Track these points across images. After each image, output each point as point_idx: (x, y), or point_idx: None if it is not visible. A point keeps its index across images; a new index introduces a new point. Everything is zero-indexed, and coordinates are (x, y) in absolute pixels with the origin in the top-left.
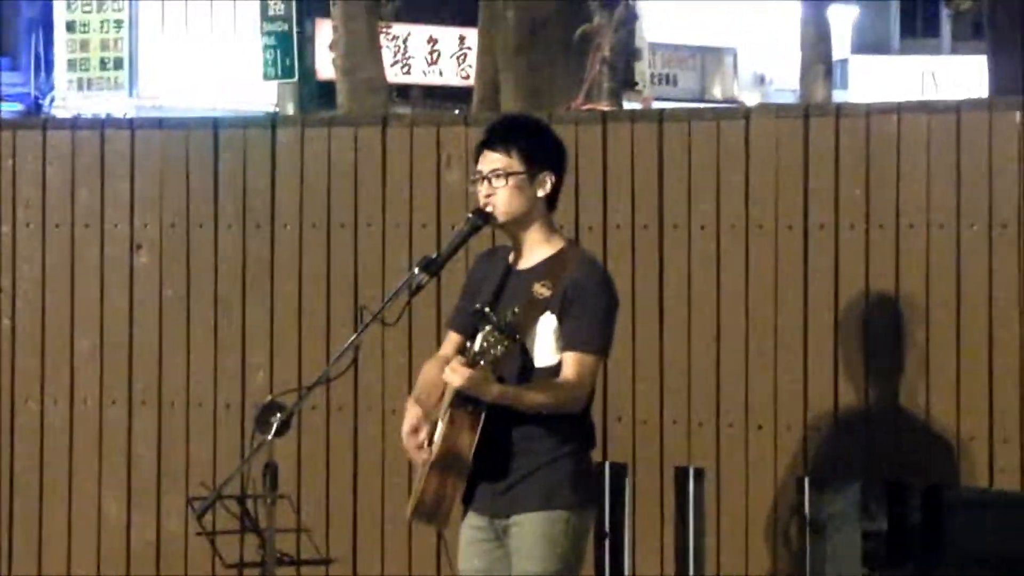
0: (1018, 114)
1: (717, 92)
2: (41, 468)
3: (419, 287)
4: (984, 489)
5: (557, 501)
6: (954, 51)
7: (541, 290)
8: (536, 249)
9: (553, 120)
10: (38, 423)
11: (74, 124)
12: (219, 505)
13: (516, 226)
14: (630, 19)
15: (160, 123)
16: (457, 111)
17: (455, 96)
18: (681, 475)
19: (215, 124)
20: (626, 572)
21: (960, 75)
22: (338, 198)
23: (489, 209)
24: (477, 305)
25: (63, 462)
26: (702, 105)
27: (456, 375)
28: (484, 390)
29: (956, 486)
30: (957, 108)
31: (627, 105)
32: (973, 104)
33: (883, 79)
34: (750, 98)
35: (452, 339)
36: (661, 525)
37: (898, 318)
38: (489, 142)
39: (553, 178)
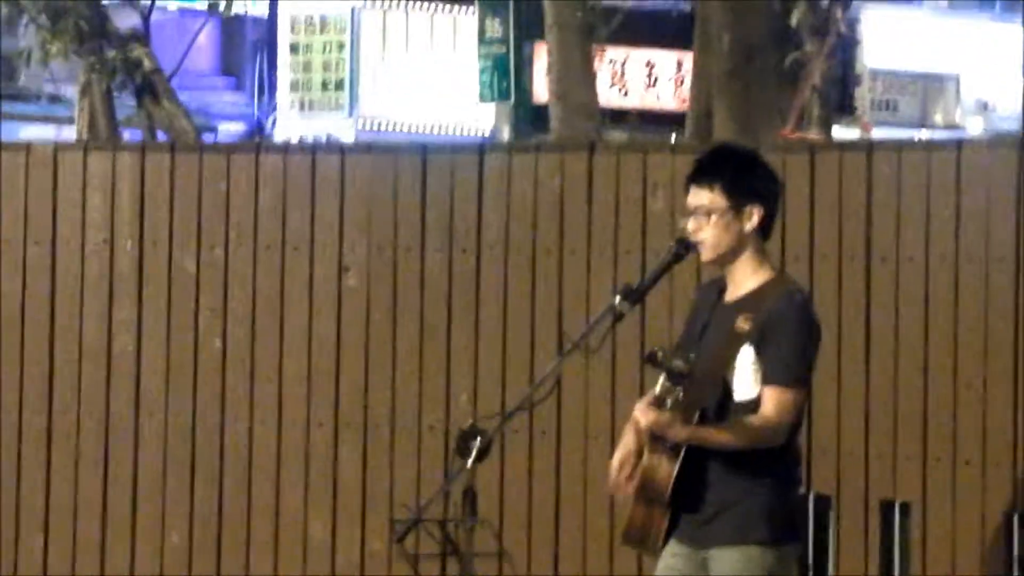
0: None
1: (939, 119)
2: (249, 488)
3: (620, 316)
4: None
5: (752, 535)
6: None
7: (742, 324)
8: (744, 282)
9: (762, 148)
10: (247, 443)
11: (286, 148)
12: (422, 528)
13: (724, 260)
14: (848, 45)
15: (370, 148)
16: (674, 135)
17: (672, 120)
18: (887, 509)
19: (424, 149)
20: None
21: None
22: (544, 224)
23: (697, 243)
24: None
25: (271, 482)
26: (923, 132)
27: (643, 417)
28: (671, 433)
29: None
30: None
31: (846, 132)
32: None
33: None
34: (973, 125)
35: None
36: (865, 560)
37: None
38: (695, 177)
39: (761, 211)
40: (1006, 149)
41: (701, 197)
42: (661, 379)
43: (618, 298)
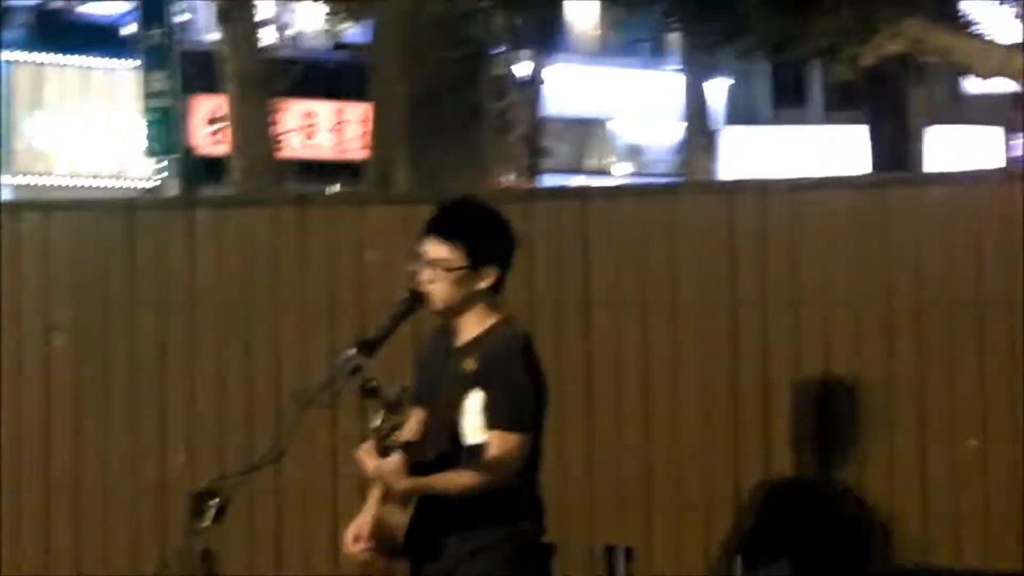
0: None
1: (592, 163)
2: None
3: (357, 368)
4: (915, 566)
5: None
6: (827, 120)
7: (469, 365)
8: (472, 329)
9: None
10: None
11: None
12: None
13: (452, 313)
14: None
15: (77, 205)
16: (337, 187)
17: (332, 171)
18: (611, 554)
19: (132, 205)
20: None
21: (829, 145)
22: (259, 279)
23: (428, 293)
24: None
25: None
26: (578, 176)
27: (366, 464)
28: (393, 481)
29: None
30: None
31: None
32: None
33: (756, 149)
34: (623, 169)
35: (416, 413)
36: None
37: (828, 396)
38: (436, 229)
39: (497, 272)
40: (717, 194)
41: (440, 251)
42: (376, 418)
43: (353, 350)
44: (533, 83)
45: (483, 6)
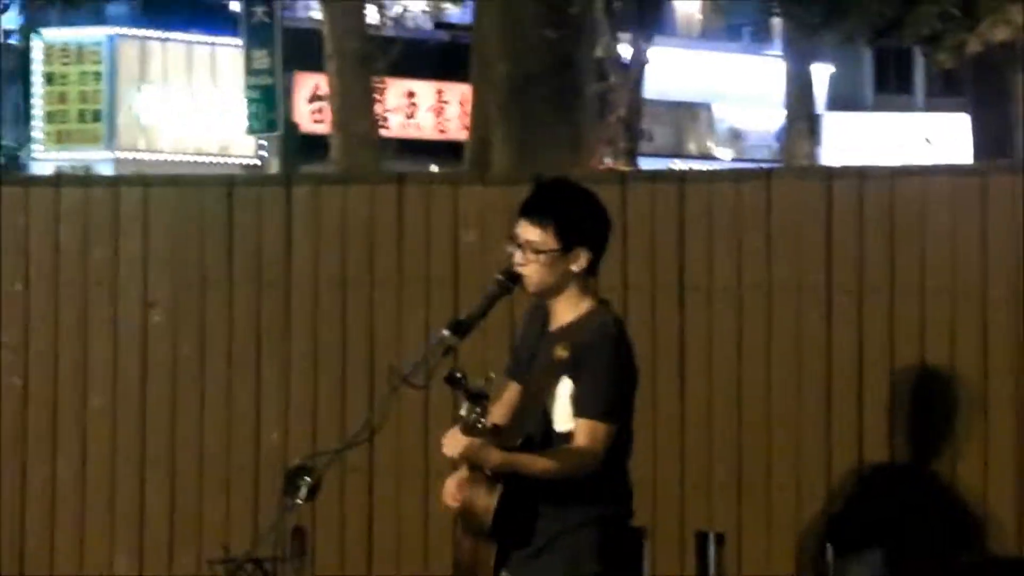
0: None
1: (692, 147)
2: (52, 527)
3: (449, 349)
4: (1006, 556)
5: (583, 569)
6: (928, 108)
7: (560, 353)
8: (566, 314)
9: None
10: (51, 482)
11: (86, 182)
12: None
13: (547, 295)
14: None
15: (175, 181)
16: (434, 166)
17: (432, 150)
18: (701, 540)
19: (230, 181)
20: None
21: (932, 132)
22: (354, 256)
23: (522, 275)
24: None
25: (75, 520)
26: (677, 161)
27: (450, 446)
28: (482, 458)
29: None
30: None
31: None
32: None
33: (858, 135)
34: (724, 154)
35: (512, 387)
36: None
37: (922, 384)
38: (528, 211)
39: (589, 254)
40: (815, 180)
41: (532, 233)
42: (465, 403)
43: (445, 331)
44: (634, 66)
45: None
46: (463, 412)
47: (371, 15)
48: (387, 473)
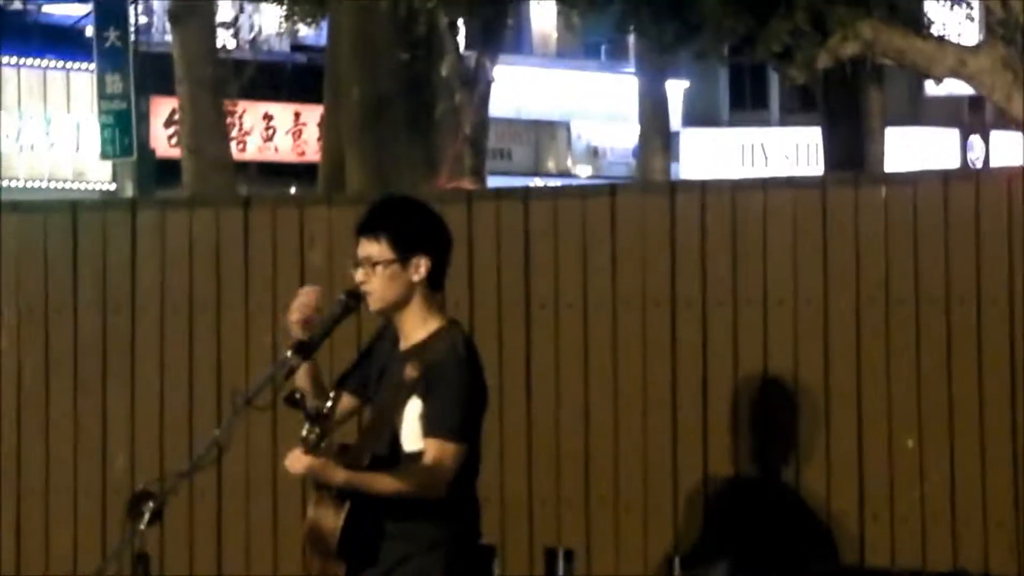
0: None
1: (551, 166)
2: None
3: (292, 370)
4: (854, 565)
5: None
6: (784, 123)
7: (410, 372)
8: (414, 332)
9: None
10: None
11: None
12: None
13: (391, 310)
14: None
15: (16, 207)
16: (293, 189)
17: (291, 173)
18: (550, 556)
19: (74, 207)
20: None
21: (788, 147)
22: (200, 279)
23: (366, 294)
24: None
25: None
26: (536, 179)
27: (294, 464)
28: (326, 476)
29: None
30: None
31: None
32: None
33: (714, 151)
34: (583, 171)
35: (344, 399)
36: None
37: (766, 395)
38: (363, 228)
39: (428, 262)
40: (659, 195)
41: (369, 248)
42: (305, 423)
43: (290, 352)
44: (480, 83)
45: (430, 6)
46: (303, 432)
47: (225, 39)
48: (235, 496)
